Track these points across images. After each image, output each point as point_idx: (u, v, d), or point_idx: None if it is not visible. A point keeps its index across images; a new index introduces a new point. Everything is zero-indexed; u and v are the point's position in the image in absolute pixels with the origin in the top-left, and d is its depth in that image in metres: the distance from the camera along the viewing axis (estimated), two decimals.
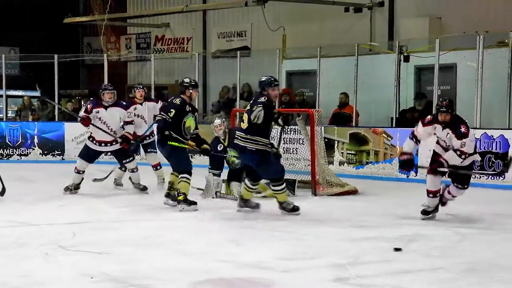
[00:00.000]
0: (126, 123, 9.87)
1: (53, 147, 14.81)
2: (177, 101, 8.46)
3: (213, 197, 9.23)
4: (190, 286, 4.93)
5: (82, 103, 18.32)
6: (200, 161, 11.43)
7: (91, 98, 10.61)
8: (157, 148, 9.26)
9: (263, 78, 8.06)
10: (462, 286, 4.98)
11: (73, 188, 9.88)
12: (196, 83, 8.86)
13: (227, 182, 9.51)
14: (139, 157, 10.70)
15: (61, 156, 14.76)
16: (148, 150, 10.29)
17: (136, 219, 7.90)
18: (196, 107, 9.13)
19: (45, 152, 14.79)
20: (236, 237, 6.75)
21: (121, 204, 9.00)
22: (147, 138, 10.20)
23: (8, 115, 16.64)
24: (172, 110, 8.35)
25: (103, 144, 9.77)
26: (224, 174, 9.56)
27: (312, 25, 15.78)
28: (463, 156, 7.34)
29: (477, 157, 7.95)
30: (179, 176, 8.42)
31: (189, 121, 8.51)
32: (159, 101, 10.51)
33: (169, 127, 8.27)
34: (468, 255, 5.97)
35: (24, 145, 14.84)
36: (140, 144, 10.18)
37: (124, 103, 10.17)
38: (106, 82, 14.98)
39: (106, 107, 9.71)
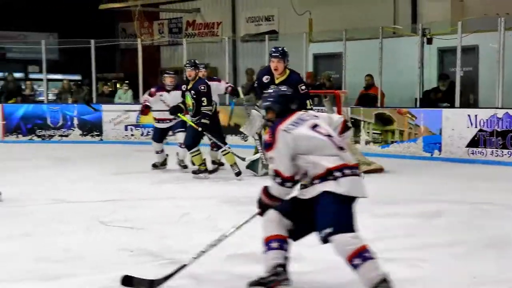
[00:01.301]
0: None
1: (92, 128, 14.96)
2: None
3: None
4: (221, 259, 4.99)
5: (118, 86, 18.47)
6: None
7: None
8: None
9: None
10: (482, 260, 4.99)
11: (160, 165, 10.22)
12: (187, 62, 9.39)
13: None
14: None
15: (100, 137, 14.90)
16: (175, 131, 10.17)
17: (172, 196, 7.96)
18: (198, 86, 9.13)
19: (84, 133, 14.95)
20: None
21: (157, 182, 9.08)
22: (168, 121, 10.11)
23: (49, 98, 16.77)
24: None
25: (167, 121, 10.01)
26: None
27: (337, 9, 15.69)
28: None
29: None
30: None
31: (186, 99, 9.18)
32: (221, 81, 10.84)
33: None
34: (489, 231, 5.97)
35: (64, 126, 15.01)
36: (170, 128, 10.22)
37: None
38: (140, 66, 15.14)
39: (168, 91, 9.96)
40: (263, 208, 4.34)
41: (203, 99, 8.98)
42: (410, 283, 4.46)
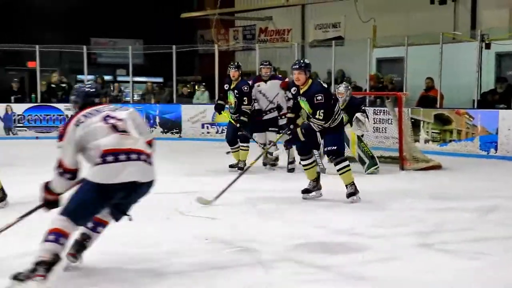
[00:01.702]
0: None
1: (172, 126, 15.14)
2: None
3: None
4: (289, 248, 4.98)
5: (196, 87, 18.65)
6: None
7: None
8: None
9: None
10: None
11: (271, 160, 9.65)
12: (231, 64, 9.42)
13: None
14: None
15: (179, 134, 15.07)
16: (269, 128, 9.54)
17: (243, 189, 7.95)
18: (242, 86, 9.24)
19: (165, 131, 15.15)
20: (329, 206, 6.74)
21: (231, 176, 9.08)
22: (266, 113, 9.47)
23: (134, 98, 17.07)
24: None
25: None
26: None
27: (400, 16, 15.49)
28: None
29: None
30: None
31: (229, 98, 9.41)
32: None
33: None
34: None
35: (147, 124, 15.24)
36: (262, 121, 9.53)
37: (280, 76, 9.90)
38: (216, 69, 15.22)
39: (265, 81, 9.43)
40: (48, 205, 4.24)
41: (244, 98, 9.17)
42: (468, 274, 4.37)
